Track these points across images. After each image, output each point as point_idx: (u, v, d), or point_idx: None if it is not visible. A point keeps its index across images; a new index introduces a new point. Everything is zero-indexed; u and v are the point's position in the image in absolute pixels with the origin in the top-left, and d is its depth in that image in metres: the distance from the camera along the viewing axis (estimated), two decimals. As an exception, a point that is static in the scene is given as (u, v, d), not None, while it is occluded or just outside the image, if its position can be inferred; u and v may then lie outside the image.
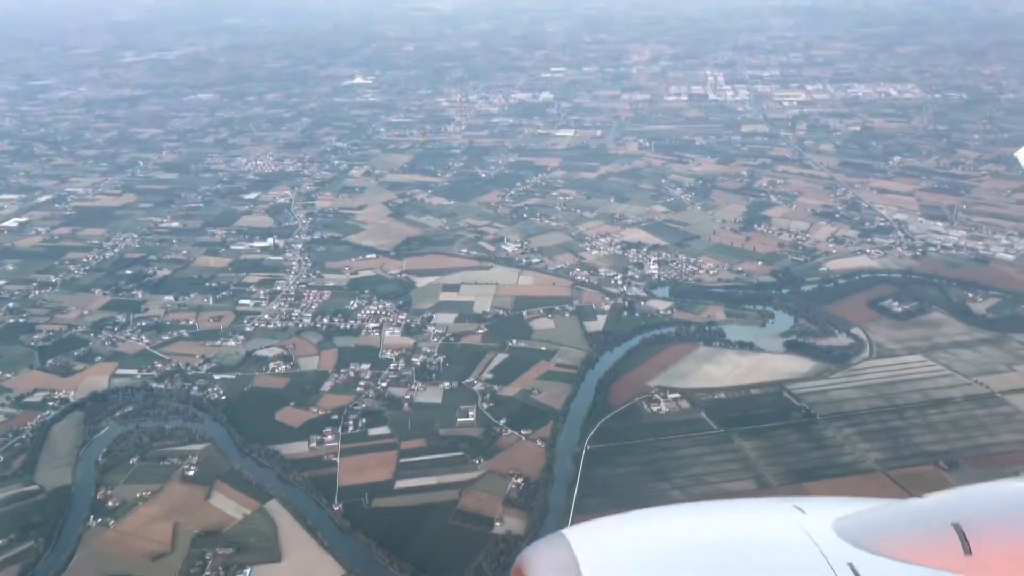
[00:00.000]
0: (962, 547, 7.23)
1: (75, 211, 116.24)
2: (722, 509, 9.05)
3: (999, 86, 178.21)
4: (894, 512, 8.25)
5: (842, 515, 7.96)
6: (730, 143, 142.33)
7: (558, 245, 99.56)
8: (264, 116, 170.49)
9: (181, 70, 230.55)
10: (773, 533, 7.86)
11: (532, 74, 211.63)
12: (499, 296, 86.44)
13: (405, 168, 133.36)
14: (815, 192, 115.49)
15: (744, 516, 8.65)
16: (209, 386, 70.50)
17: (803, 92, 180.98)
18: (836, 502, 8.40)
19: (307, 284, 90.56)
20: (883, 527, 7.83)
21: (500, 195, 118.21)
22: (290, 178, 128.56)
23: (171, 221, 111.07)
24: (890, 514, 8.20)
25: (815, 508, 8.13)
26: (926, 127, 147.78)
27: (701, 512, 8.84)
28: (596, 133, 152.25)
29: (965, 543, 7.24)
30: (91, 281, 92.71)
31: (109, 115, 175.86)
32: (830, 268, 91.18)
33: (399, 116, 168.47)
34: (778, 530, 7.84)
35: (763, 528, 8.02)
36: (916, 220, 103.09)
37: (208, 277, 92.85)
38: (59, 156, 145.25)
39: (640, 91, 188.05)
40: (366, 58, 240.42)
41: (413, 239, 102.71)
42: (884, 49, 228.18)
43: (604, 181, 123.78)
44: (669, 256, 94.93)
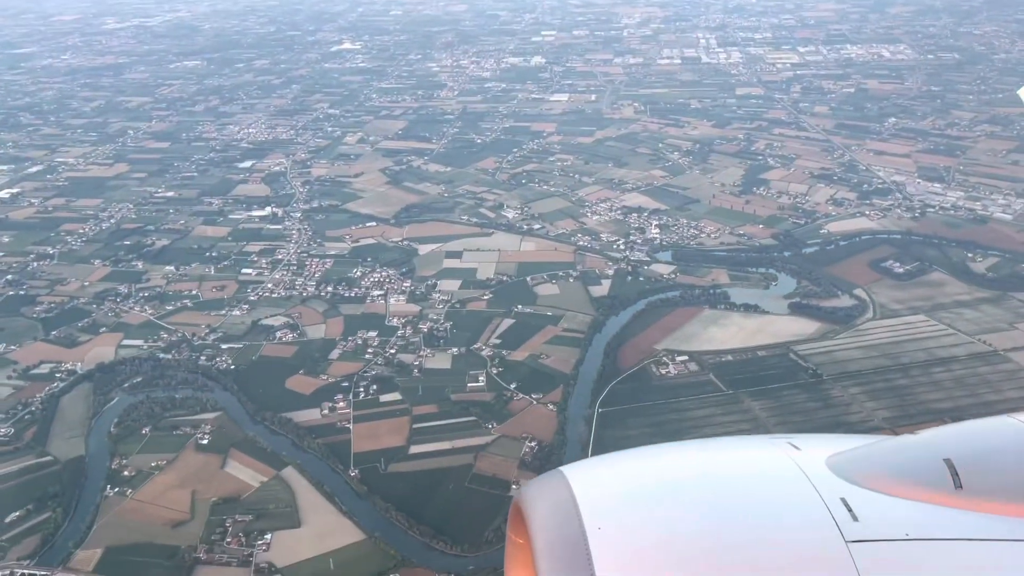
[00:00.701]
0: (953, 481, 7.33)
1: (67, 182, 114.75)
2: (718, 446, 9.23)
3: (991, 46, 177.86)
4: (887, 448, 8.34)
5: (835, 451, 8.03)
6: (725, 106, 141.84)
7: (558, 211, 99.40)
8: (253, 83, 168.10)
9: (165, 37, 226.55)
10: (767, 469, 7.94)
11: (523, 38, 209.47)
12: (502, 262, 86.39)
13: (400, 135, 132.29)
14: (812, 154, 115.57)
15: (739, 452, 8.78)
16: (217, 355, 70.36)
17: (796, 54, 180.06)
18: (830, 439, 8.52)
19: (308, 253, 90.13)
20: (875, 462, 7.88)
21: (497, 161, 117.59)
22: (284, 146, 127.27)
23: (166, 191, 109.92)
24: (883, 450, 8.28)
25: (809, 445, 8.22)
26: (920, 88, 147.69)
27: (697, 449, 8.99)
28: (590, 97, 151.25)
29: (956, 477, 7.34)
30: (89, 252, 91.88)
31: (94, 83, 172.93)
32: (830, 230, 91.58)
33: (390, 82, 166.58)
34: (772, 466, 7.92)
35: (758, 464, 8.12)
36: (914, 181, 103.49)
37: (208, 247, 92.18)
38: (46, 126, 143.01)
39: (632, 55, 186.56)
40: (352, 23, 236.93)
41: (412, 206, 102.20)
42: (875, 10, 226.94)
43: (601, 146, 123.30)
44: (670, 220, 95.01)
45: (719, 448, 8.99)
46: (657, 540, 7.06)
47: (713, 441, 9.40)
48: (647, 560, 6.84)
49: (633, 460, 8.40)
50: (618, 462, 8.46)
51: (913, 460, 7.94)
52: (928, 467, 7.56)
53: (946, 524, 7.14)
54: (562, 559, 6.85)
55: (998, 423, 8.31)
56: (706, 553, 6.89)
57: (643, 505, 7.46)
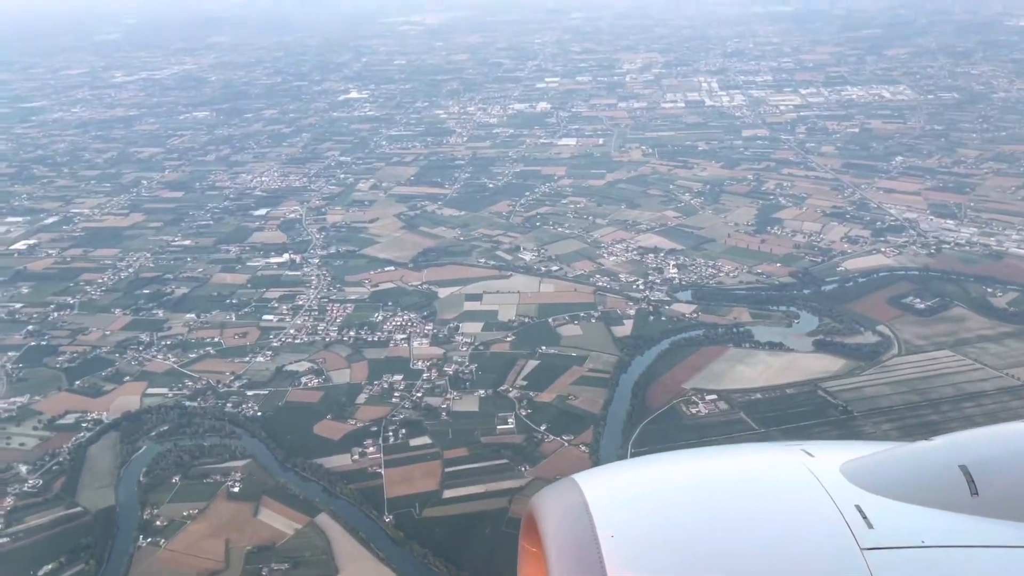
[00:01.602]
0: (969, 488, 7.30)
1: (84, 232, 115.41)
2: (731, 453, 9.21)
3: (990, 85, 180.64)
4: (901, 454, 8.24)
5: (850, 458, 8.00)
6: (732, 148, 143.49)
7: (575, 252, 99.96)
8: (264, 132, 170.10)
9: (173, 89, 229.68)
10: (781, 475, 7.91)
11: (527, 85, 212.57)
12: (523, 304, 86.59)
13: (412, 180, 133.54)
14: (823, 193, 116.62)
15: (753, 459, 8.76)
16: (243, 402, 70.05)
17: (797, 96, 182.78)
18: (844, 446, 8.50)
19: (329, 298, 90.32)
20: (890, 469, 7.84)
21: (510, 204, 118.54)
22: (297, 193, 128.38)
23: (183, 239, 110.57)
24: (897, 456, 8.20)
25: (823, 451, 8.21)
26: (923, 127, 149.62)
27: (710, 456, 8.99)
28: (598, 141, 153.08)
29: (972, 484, 7.31)
30: (109, 301, 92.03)
31: (106, 135, 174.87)
32: (848, 267, 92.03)
33: (399, 129, 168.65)
34: (786, 472, 7.88)
35: (771, 471, 8.10)
36: (926, 218, 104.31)
37: (228, 294, 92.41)
38: (60, 177, 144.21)
39: (636, 99, 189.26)
40: (358, 72, 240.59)
41: (429, 250, 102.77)
42: (872, 52, 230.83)
43: (612, 188, 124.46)
44: (687, 260, 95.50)
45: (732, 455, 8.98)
46: (670, 547, 7.09)
47: (726, 448, 9.40)
48: (660, 567, 6.88)
49: (646, 467, 8.45)
50: (630, 469, 8.51)
51: (928, 467, 7.84)
52: (943, 474, 7.52)
53: (962, 531, 7.11)
54: (575, 567, 6.89)
55: (1014, 429, 8.21)
56: (719, 560, 6.92)
57: (656, 512, 7.49)
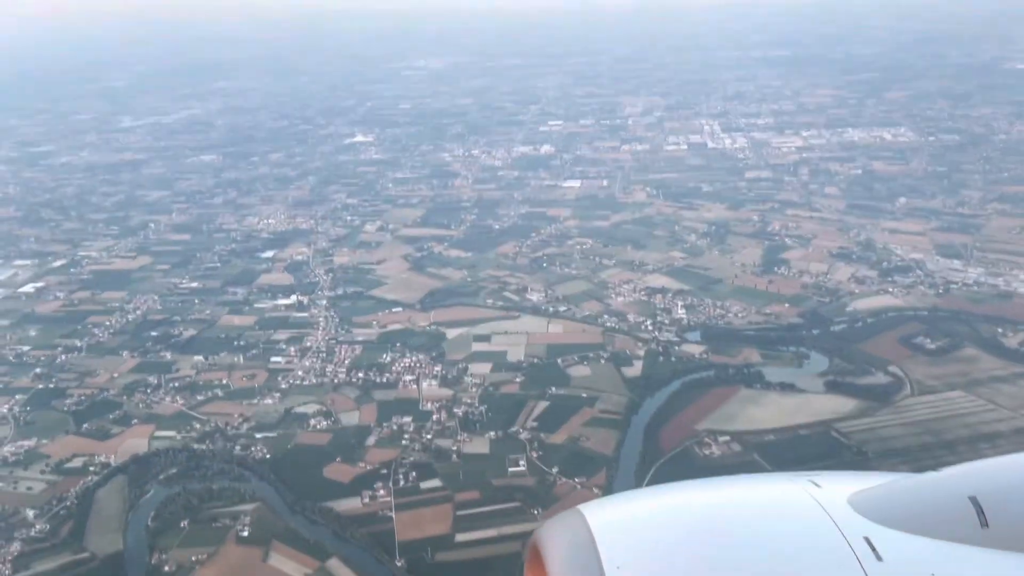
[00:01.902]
0: (979, 519, 7.19)
1: (92, 275, 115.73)
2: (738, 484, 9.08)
3: (990, 127, 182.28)
4: (910, 486, 8.13)
5: (857, 489, 7.89)
6: (736, 189, 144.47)
7: (582, 293, 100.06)
8: (270, 175, 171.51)
9: (180, 133, 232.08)
10: (788, 507, 7.77)
11: (530, 128, 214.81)
12: (531, 345, 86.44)
13: (418, 222, 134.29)
14: (828, 234, 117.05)
15: (759, 490, 8.64)
16: (252, 445, 69.59)
17: (799, 138, 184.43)
18: (852, 476, 8.39)
19: (337, 339, 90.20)
20: (899, 500, 7.73)
21: (517, 245, 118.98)
22: (304, 235, 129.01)
23: (190, 281, 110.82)
24: (906, 488, 8.09)
25: (830, 482, 8.10)
26: (925, 169, 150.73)
27: (716, 487, 8.86)
28: (602, 183, 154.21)
29: (982, 516, 7.20)
30: (117, 344, 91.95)
31: (114, 179, 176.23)
32: (856, 307, 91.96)
33: (405, 172, 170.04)
34: (793, 504, 7.75)
35: (778, 502, 7.98)
36: (932, 259, 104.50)
37: (235, 336, 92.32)
38: (68, 221, 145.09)
39: (639, 141, 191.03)
40: (363, 117, 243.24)
41: (437, 291, 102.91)
42: (871, 95, 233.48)
43: (618, 229, 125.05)
44: (695, 300, 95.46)
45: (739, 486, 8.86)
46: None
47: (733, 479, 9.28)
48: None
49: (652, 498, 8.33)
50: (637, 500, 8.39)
51: (937, 498, 7.73)
52: (953, 505, 7.41)
53: (972, 564, 6.99)
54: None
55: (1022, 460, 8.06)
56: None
57: (662, 544, 7.36)
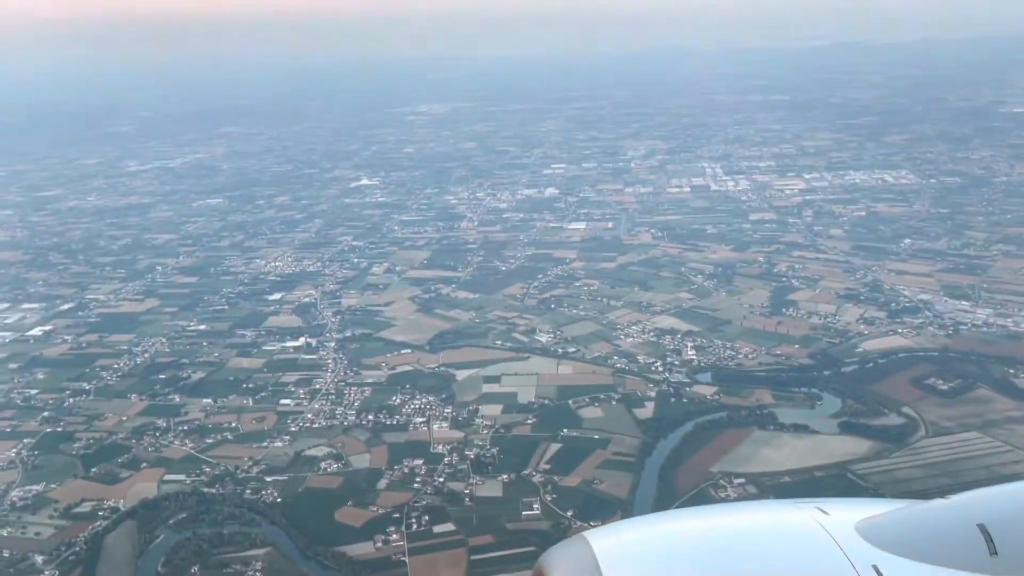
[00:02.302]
0: (988, 547, 7.17)
1: (99, 318, 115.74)
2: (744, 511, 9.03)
3: (990, 170, 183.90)
4: (918, 513, 8.15)
5: (865, 516, 7.87)
6: (741, 231, 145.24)
7: (591, 334, 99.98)
8: (276, 218, 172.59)
9: (186, 177, 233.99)
10: (796, 534, 7.76)
11: (534, 171, 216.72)
12: (541, 386, 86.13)
13: (425, 264, 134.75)
14: (835, 275, 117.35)
15: (766, 517, 8.60)
16: (262, 488, 68.90)
17: (801, 180, 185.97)
18: (859, 503, 8.36)
19: (346, 382, 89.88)
20: (907, 528, 7.72)
21: (524, 287, 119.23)
22: (312, 278, 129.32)
23: (198, 324, 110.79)
24: (914, 515, 8.10)
25: (837, 509, 8.08)
26: (928, 211, 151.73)
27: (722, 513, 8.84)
28: (607, 225, 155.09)
29: (991, 543, 7.18)
30: (125, 387, 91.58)
31: (121, 223, 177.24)
32: (866, 348, 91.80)
33: (411, 214, 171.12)
34: (800, 531, 7.75)
35: (785, 529, 7.96)
36: (941, 300, 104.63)
37: (244, 378, 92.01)
38: (76, 264, 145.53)
39: (642, 184, 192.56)
40: (368, 160, 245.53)
41: (445, 332, 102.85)
42: (871, 138, 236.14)
43: (624, 270, 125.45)
44: (704, 342, 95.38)
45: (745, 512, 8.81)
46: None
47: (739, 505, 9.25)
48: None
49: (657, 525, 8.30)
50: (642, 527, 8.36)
51: (946, 526, 7.74)
52: (961, 533, 7.40)
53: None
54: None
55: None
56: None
57: (667, 570, 7.33)
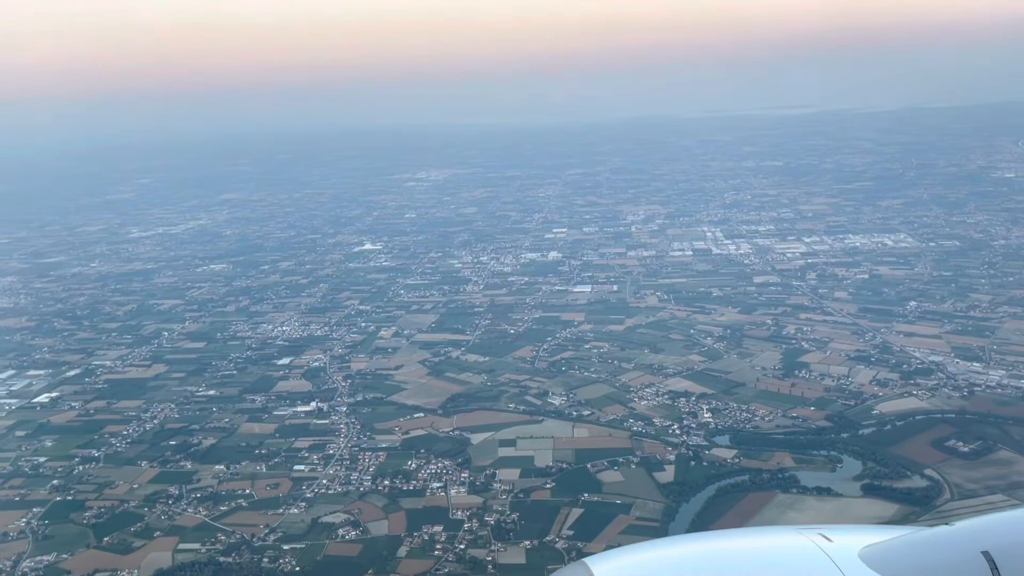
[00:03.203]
0: (992, 575, 7.10)
1: (107, 384, 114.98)
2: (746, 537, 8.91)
3: (988, 233, 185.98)
4: (922, 540, 8.08)
5: (869, 543, 7.77)
6: (746, 293, 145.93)
7: (604, 396, 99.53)
8: (281, 283, 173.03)
9: (189, 243, 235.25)
10: (798, 559, 7.68)
11: (536, 235, 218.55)
12: (558, 449, 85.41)
13: (433, 327, 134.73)
14: (844, 337, 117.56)
15: (769, 544, 8.50)
16: (280, 557, 67.64)
17: (802, 244, 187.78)
18: (863, 530, 8.28)
19: (360, 446, 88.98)
20: (911, 555, 7.64)
21: (533, 350, 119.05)
22: (320, 342, 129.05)
23: (207, 389, 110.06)
24: (918, 542, 8.05)
25: (841, 536, 8.01)
26: (931, 273, 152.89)
27: (724, 539, 8.74)
28: (612, 288, 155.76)
29: (995, 571, 7.10)
30: (135, 454, 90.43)
31: (125, 288, 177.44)
32: (882, 410, 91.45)
33: (416, 278, 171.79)
34: (804, 558, 7.68)
35: (788, 555, 7.88)
36: (952, 361, 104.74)
37: (256, 444, 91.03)
38: (81, 330, 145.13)
39: (644, 248, 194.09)
40: (370, 226, 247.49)
41: (458, 396, 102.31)
42: (867, 203, 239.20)
43: (633, 333, 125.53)
44: (719, 404, 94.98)
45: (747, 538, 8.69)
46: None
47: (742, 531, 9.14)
48: None
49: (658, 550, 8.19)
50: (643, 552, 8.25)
51: (950, 553, 7.64)
52: (966, 560, 7.30)
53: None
54: None
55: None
56: None
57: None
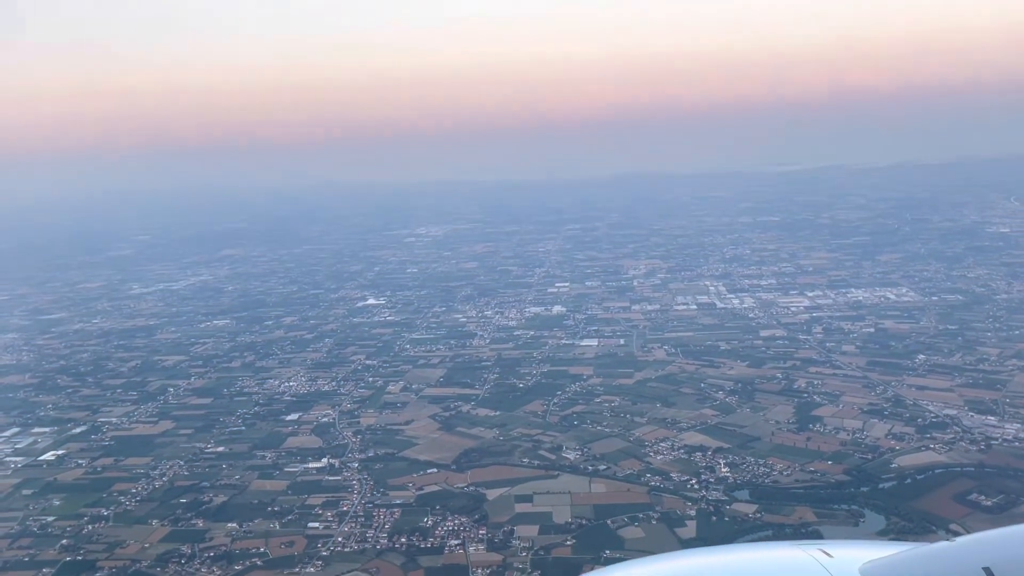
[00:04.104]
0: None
1: (113, 441, 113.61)
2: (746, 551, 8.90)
3: (989, 287, 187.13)
4: (923, 556, 8.01)
5: (870, 559, 7.76)
6: (754, 347, 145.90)
7: (619, 451, 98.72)
8: (286, 338, 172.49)
9: (191, 299, 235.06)
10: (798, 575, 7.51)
11: (538, 290, 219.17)
12: (576, 505, 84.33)
13: (441, 382, 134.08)
14: (855, 391, 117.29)
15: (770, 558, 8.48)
16: (299, 617, 66.15)
17: (805, 298, 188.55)
18: (864, 546, 8.29)
19: (374, 503, 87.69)
20: (912, 571, 7.62)
21: (544, 404, 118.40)
22: (328, 397, 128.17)
23: (216, 446, 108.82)
24: (919, 558, 7.98)
25: (841, 551, 8.00)
26: (936, 327, 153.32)
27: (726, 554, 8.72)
28: (619, 341, 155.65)
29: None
30: (146, 512, 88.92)
31: (128, 344, 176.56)
32: (901, 464, 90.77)
33: (421, 333, 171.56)
34: (804, 573, 7.65)
35: (789, 571, 7.86)
36: (966, 415, 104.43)
37: (268, 501, 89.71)
38: (85, 387, 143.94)
39: (648, 302, 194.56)
40: (372, 281, 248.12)
41: (471, 451, 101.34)
42: (866, 258, 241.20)
43: (644, 387, 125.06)
44: (736, 458, 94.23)
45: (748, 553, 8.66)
46: None
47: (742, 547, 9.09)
48: None
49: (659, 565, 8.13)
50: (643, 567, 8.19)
51: (951, 569, 7.57)
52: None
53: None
54: None
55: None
56: None
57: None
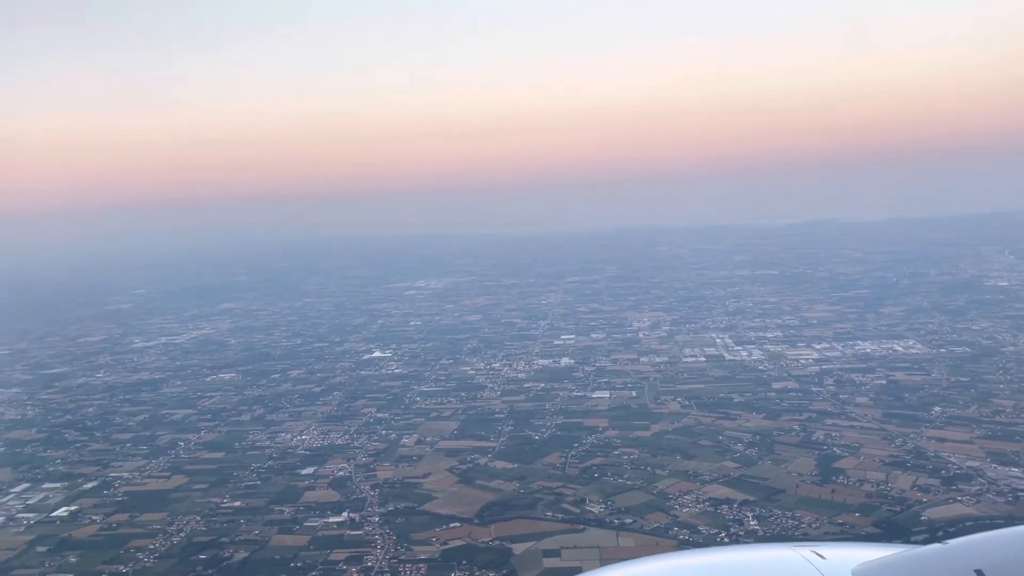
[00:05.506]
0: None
1: (126, 496, 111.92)
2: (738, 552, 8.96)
3: (996, 340, 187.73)
4: (915, 559, 8.08)
5: (862, 561, 7.83)
6: (767, 399, 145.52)
7: (643, 504, 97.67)
8: (294, 392, 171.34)
9: (194, 352, 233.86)
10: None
11: (544, 342, 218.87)
12: (605, 559, 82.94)
13: (456, 434, 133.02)
14: (875, 443, 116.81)
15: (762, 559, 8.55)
16: (332, 676, 64.47)
17: (813, 351, 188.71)
18: (856, 548, 8.35)
19: (398, 558, 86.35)
20: (904, 573, 7.70)
21: (562, 456, 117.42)
22: (341, 451, 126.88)
23: (232, 501, 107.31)
24: (911, 561, 8.05)
25: (834, 554, 8.08)
26: (948, 379, 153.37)
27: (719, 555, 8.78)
28: (631, 393, 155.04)
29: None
30: (165, 569, 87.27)
31: (134, 398, 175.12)
32: (930, 517, 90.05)
33: (430, 385, 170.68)
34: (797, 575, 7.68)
35: (781, 572, 7.93)
36: (990, 467, 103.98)
37: (291, 556, 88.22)
38: (93, 441, 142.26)
39: (656, 354, 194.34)
40: (376, 334, 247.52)
41: (492, 504, 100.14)
42: (869, 310, 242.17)
43: (661, 439, 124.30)
44: (763, 511, 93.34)
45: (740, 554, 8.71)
46: None
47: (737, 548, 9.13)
48: None
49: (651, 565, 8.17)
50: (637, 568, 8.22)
51: (943, 571, 7.62)
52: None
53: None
54: None
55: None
56: None
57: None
